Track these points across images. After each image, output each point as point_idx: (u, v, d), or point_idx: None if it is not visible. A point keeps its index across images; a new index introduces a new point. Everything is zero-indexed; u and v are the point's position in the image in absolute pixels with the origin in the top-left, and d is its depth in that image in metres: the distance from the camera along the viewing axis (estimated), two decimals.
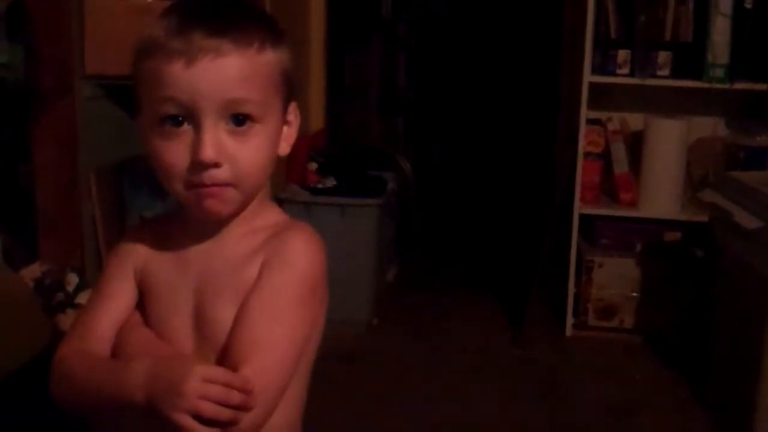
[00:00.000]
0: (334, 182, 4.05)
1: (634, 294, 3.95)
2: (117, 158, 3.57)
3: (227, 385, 1.13)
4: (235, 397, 1.13)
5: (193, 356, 1.25)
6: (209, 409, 1.11)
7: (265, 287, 1.25)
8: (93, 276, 3.38)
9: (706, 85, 3.73)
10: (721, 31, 3.67)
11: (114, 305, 1.33)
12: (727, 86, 3.71)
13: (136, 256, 1.35)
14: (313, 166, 4.12)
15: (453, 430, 3.15)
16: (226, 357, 1.23)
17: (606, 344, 3.91)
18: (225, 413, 1.12)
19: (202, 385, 1.12)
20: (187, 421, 1.11)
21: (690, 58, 3.75)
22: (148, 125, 1.24)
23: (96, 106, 3.42)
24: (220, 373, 1.14)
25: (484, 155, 7.26)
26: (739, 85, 3.72)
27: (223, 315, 1.26)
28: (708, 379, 3.36)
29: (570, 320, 3.99)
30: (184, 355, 1.26)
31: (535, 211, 4.86)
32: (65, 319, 2.48)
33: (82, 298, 2.62)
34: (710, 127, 4.04)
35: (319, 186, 4.01)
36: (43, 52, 3.23)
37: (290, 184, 3.96)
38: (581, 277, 3.97)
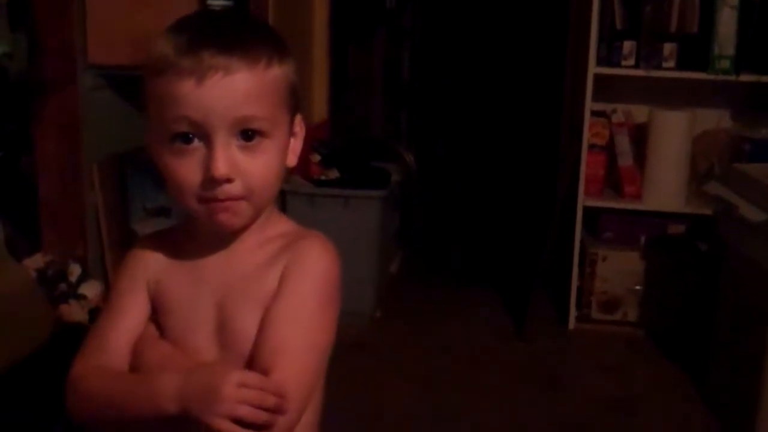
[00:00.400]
0: (338, 174, 4.04)
1: (638, 287, 3.94)
2: (119, 149, 3.56)
3: (262, 390, 1.15)
4: (271, 400, 1.15)
5: (222, 364, 1.27)
6: (247, 412, 1.13)
7: (287, 295, 1.28)
8: (95, 267, 3.37)
9: (712, 77, 3.72)
10: (727, 22, 3.66)
11: (128, 319, 1.33)
12: (732, 78, 3.70)
13: (147, 269, 1.36)
14: (317, 157, 4.11)
15: (455, 422, 3.15)
16: (252, 365, 1.25)
17: (609, 338, 3.90)
18: (262, 416, 1.14)
19: (239, 389, 1.14)
20: (227, 424, 1.13)
21: (696, 50, 3.74)
22: (159, 141, 1.26)
23: (98, 96, 3.41)
24: (255, 378, 1.16)
25: (488, 147, 7.25)
26: (745, 77, 3.71)
27: (246, 325, 1.28)
28: (710, 374, 3.35)
29: (573, 313, 3.99)
30: (214, 363, 1.28)
31: (539, 203, 4.85)
32: (68, 310, 2.48)
33: (84, 289, 2.62)
34: (715, 119, 4.03)
35: (323, 178, 4.00)
36: (45, 42, 3.23)
37: (293, 176, 3.96)
38: (585, 270, 3.97)
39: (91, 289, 2.87)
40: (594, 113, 3.88)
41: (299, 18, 4.26)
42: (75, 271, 3.01)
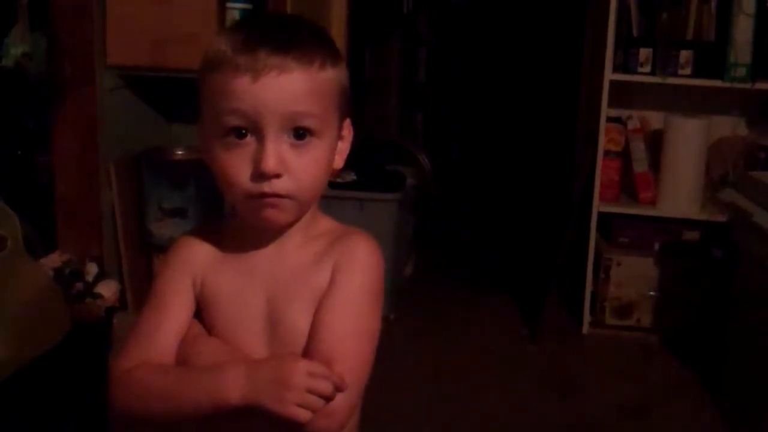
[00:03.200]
0: (353, 177, 4.05)
1: (652, 293, 3.94)
2: (136, 149, 3.58)
3: (327, 379, 1.18)
4: (334, 389, 1.19)
5: (286, 356, 1.28)
6: (315, 401, 1.17)
7: (341, 289, 1.31)
8: (111, 266, 3.39)
9: (728, 85, 3.72)
10: (743, 30, 3.66)
11: (175, 316, 1.34)
12: (748, 86, 3.70)
13: (193, 265, 1.37)
14: None
15: (468, 424, 3.16)
16: (309, 358, 1.27)
17: (622, 343, 3.90)
18: (328, 405, 1.19)
19: (308, 378, 1.17)
20: (298, 411, 1.16)
21: (712, 58, 3.74)
22: (212, 136, 1.29)
23: (117, 96, 3.43)
24: (321, 367, 1.19)
25: (503, 151, 7.25)
26: (761, 85, 3.71)
27: (299, 320, 1.31)
28: (724, 380, 3.35)
29: (587, 318, 3.99)
30: (277, 355, 1.29)
31: (554, 208, 4.86)
32: (84, 309, 2.49)
33: (100, 288, 2.64)
34: (731, 126, 4.03)
35: (338, 180, 4.00)
36: (65, 42, 3.24)
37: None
38: (599, 275, 3.97)
39: (107, 289, 2.88)
40: (610, 119, 3.88)
41: (317, 21, 4.27)
42: (92, 270, 3.02)
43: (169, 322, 1.33)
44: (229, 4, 3.35)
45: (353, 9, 4.56)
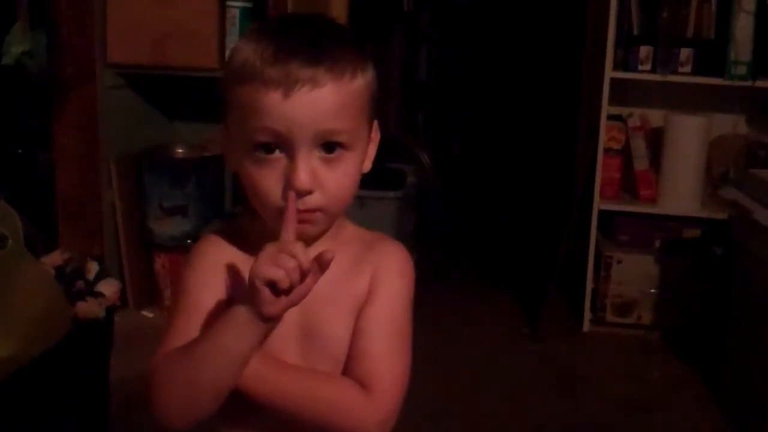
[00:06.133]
0: None
1: (653, 291, 3.94)
2: (137, 147, 3.58)
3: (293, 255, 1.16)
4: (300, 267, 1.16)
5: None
6: (272, 273, 1.14)
7: (385, 299, 1.33)
8: (112, 264, 3.40)
9: (728, 83, 3.72)
10: (743, 28, 3.66)
11: (206, 317, 1.29)
12: (749, 83, 3.70)
13: (222, 269, 1.33)
14: None
15: (468, 422, 3.16)
16: (351, 367, 1.29)
17: (623, 341, 3.90)
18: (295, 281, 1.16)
19: (267, 255, 1.15)
20: (262, 288, 1.15)
21: (712, 55, 3.74)
22: (239, 149, 1.26)
23: (117, 95, 3.44)
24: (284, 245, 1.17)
25: (504, 149, 7.25)
26: (761, 83, 3.71)
27: (336, 328, 1.31)
28: (725, 378, 3.35)
29: (588, 316, 3.99)
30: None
31: (555, 206, 4.86)
32: (85, 307, 2.49)
33: (101, 287, 2.63)
34: (731, 124, 4.03)
35: None
36: (65, 40, 3.25)
37: None
38: (600, 272, 3.97)
39: (108, 287, 2.87)
40: (610, 117, 3.88)
41: None
42: (93, 268, 3.02)
43: (199, 322, 1.29)
44: (229, 3, 3.35)
45: (354, 6, 4.56)
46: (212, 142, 3.72)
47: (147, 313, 3.67)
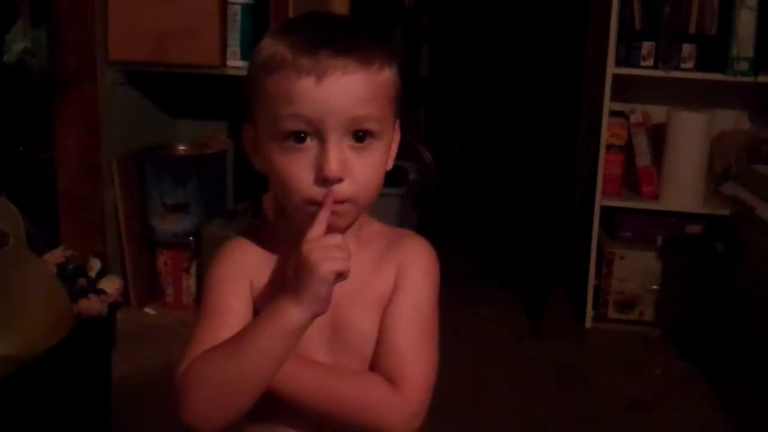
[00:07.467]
0: None
1: (655, 287, 3.94)
2: (139, 145, 3.58)
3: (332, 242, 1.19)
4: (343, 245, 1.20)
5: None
6: (338, 264, 1.18)
7: (410, 294, 1.32)
8: (114, 262, 3.39)
9: (730, 78, 3.71)
10: (746, 23, 3.65)
11: (234, 321, 1.28)
12: (751, 79, 3.70)
13: (247, 271, 1.33)
14: None
15: (471, 418, 3.16)
16: (379, 363, 1.29)
17: (625, 337, 3.90)
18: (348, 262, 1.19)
19: (320, 249, 1.18)
20: (329, 266, 1.17)
21: (714, 51, 3.74)
22: (268, 139, 1.25)
23: (119, 92, 3.44)
24: (317, 234, 1.20)
25: (506, 146, 7.25)
26: (763, 79, 3.70)
27: (365, 324, 1.31)
28: (727, 374, 3.35)
29: (590, 312, 3.99)
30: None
31: (557, 202, 4.85)
32: (87, 305, 2.49)
33: (103, 284, 2.63)
34: (733, 120, 4.03)
35: None
36: (67, 38, 3.25)
37: None
38: (602, 269, 3.97)
39: (110, 284, 2.87)
40: (612, 113, 3.88)
41: None
42: (95, 266, 3.02)
43: (228, 322, 1.28)
44: (231, 1, 3.35)
45: (354, 4, 4.56)
46: (215, 140, 3.71)
47: (149, 311, 3.68)
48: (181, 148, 3.77)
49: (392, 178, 4.32)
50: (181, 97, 3.81)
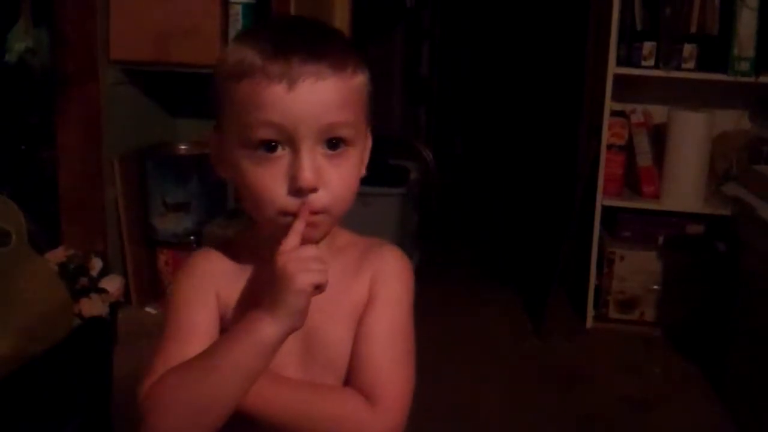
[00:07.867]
0: None
1: (656, 287, 3.94)
2: (140, 144, 3.58)
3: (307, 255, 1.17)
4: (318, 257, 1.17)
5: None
6: (315, 276, 1.16)
7: (386, 305, 1.30)
8: (115, 261, 3.40)
9: (731, 79, 3.71)
10: (747, 24, 3.65)
11: (203, 335, 1.25)
12: (752, 79, 3.70)
13: (214, 279, 1.30)
14: None
15: (471, 418, 3.16)
16: (355, 375, 1.26)
17: (626, 337, 3.90)
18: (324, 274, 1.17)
19: (296, 261, 1.15)
20: (307, 278, 1.15)
21: (715, 51, 3.74)
22: (236, 148, 1.21)
23: (120, 91, 3.43)
24: (291, 244, 1.18)
25: (507, 146, 7.25)
26: (765, 79, 3.70)
27: (338, 336, 1.28)
28: (728, 374, 3.35)
29: (590, 312, 3.99)
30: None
31: (558, 202, 4.85)
32: (89, 304, 2.50)
33: (105, 283, 2.64)
34: (734, 120, 4.03)
35: None
36: (68, 37, 3.25)
37: None
38: (602, 269, 3.97)
39: (111, 284, 2.89)
40: (613, 113, 3.88)
41: (320, 16, 4.28)
42: (96, 265, 3.03)
43: (196, 337, 1.24)
44: (232, 1, 3.35)
45: (356, 4, 4.57)
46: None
47: (150, 310, 3.67)
48: (183, 147, 3.76)
49: (393, 177, 4.33)
50: (182, 97, 3.80)
